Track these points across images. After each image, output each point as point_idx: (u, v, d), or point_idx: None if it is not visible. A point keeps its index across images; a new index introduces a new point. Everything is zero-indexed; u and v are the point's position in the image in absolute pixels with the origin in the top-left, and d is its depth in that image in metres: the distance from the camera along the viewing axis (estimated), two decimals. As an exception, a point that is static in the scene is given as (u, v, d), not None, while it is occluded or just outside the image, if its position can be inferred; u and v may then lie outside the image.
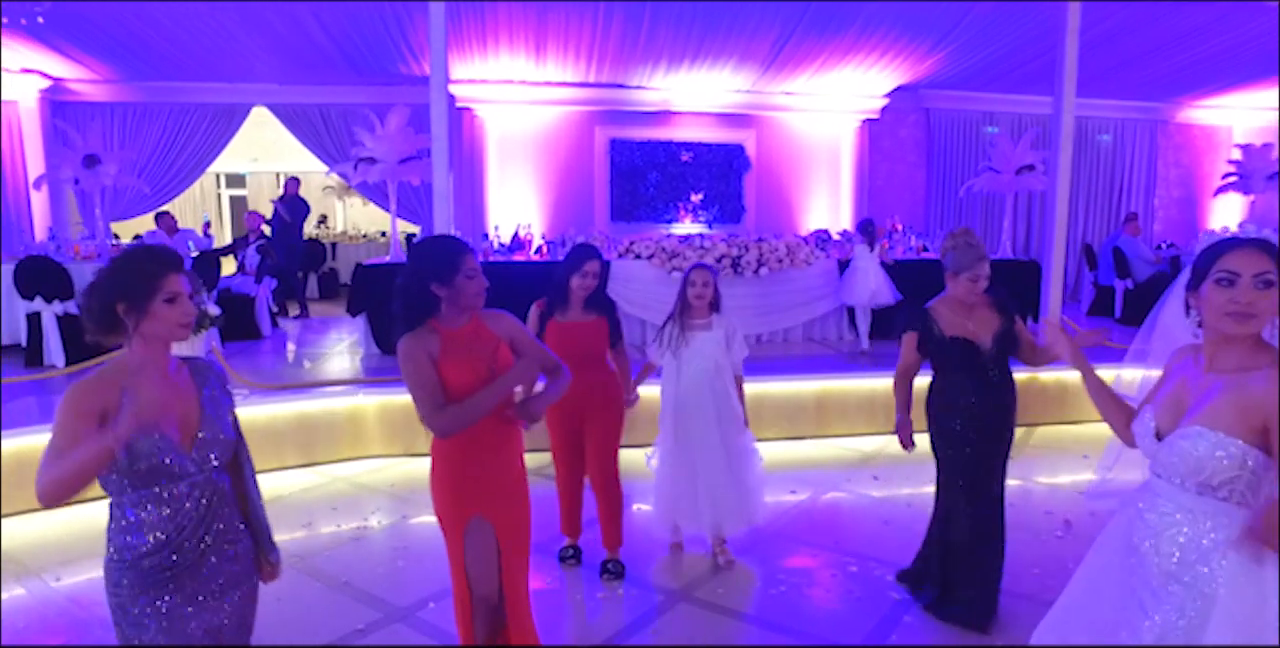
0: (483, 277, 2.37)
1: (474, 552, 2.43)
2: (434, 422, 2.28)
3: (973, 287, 3.11)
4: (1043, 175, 7.81)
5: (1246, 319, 1.64)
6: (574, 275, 3.46)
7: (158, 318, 1.79)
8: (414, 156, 6.95)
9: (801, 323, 7.58)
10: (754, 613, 3.39)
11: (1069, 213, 7.91)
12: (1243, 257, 1.65)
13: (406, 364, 2.31)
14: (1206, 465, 1.66)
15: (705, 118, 9.94)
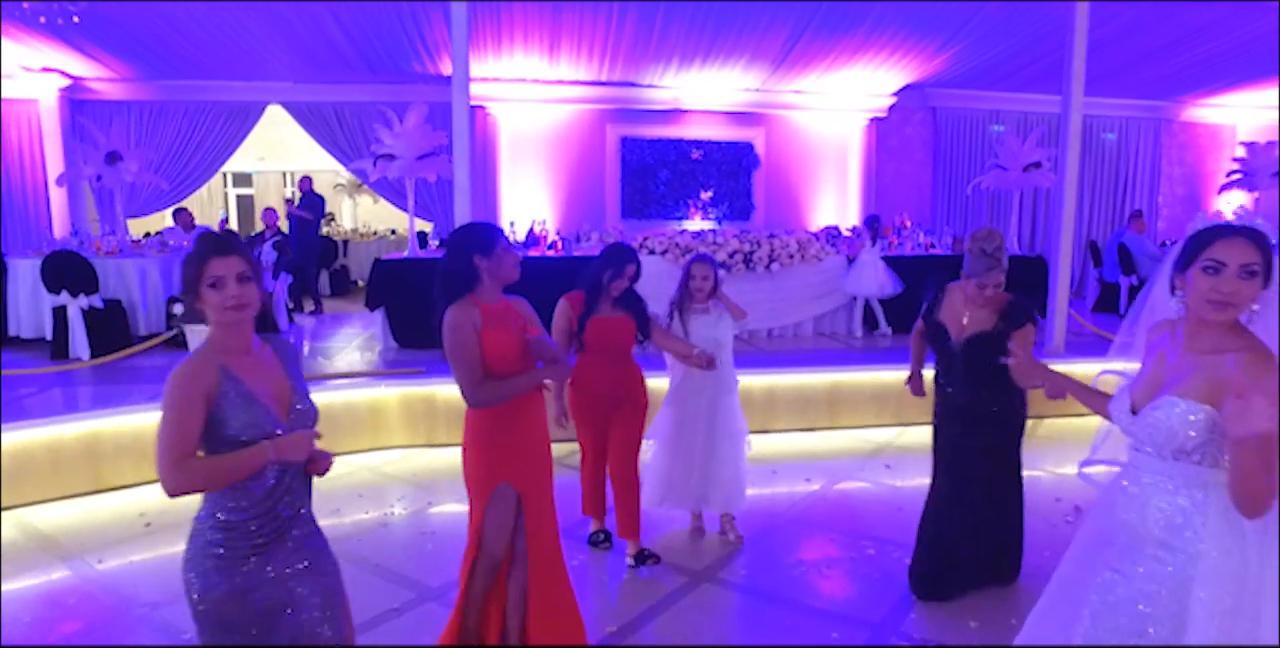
0: (516, 253, 2.65)
1: (494, 515, 2.64)
2: (472, 394, 2.54)
3: (979, 293, 3.17)
4: (1049, 173, 7.91)
5: (1226, 308, 1.69)
6: (616, 279, 3.53)
7: (207, 302, 1.85)
8: (431, 153, 7.07)
9: (812, 317, 7.69)
10: (776, 593, 3.51)
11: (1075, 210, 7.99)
12: (1231, 247, 1.69)
13: (454, 334, 2.53)
14: (1179, 432, 1.73)
15: (715, 116, 10.05)
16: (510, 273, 2.62)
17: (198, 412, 1.80)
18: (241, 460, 1.82)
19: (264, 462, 1.83)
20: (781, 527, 4.23)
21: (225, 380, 1.84)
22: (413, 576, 3.64)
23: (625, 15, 7.84)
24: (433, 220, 9.84)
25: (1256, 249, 1.68)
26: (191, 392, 1.81)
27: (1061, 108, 6.86)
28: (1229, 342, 1.72)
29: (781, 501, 4.60)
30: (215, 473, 1.82)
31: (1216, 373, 1.70)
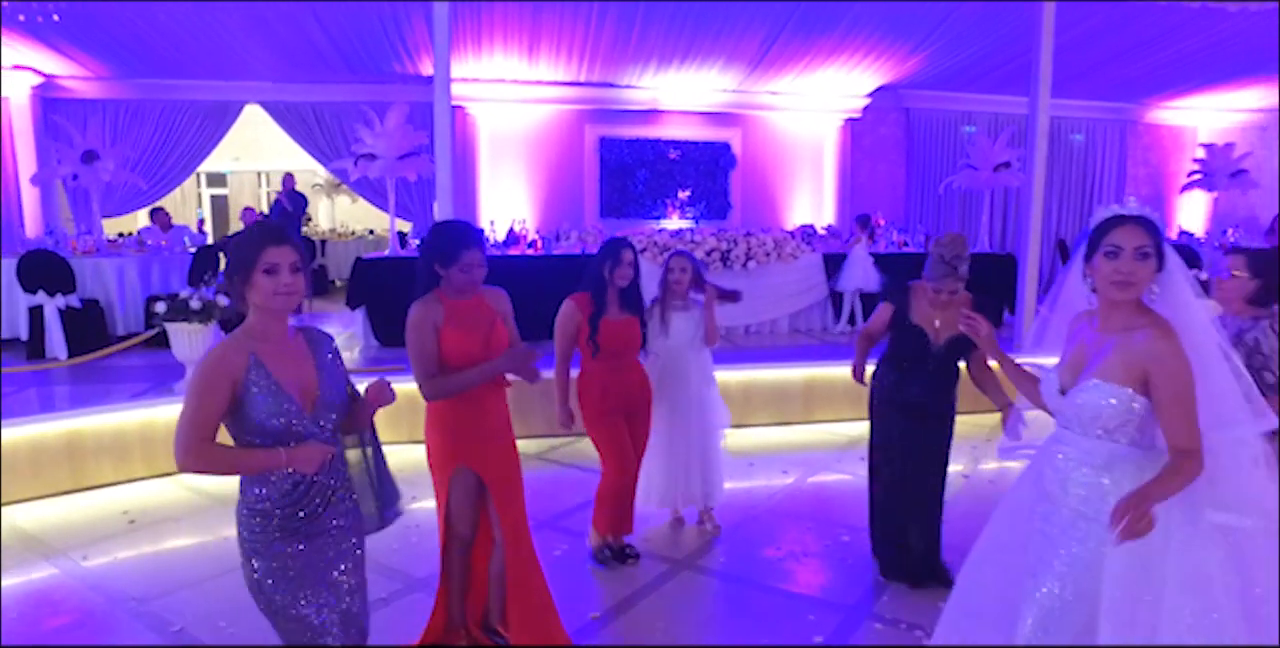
0: (480, 268, 2.65)
1: (455, 499, 2.76)
2: (424, 387, 2.66)
3: (936, 297, 3.28)
4: (1019, 173, 8.11)
5: (1127, 287, 1.90)
6: (616, 268, 3.49)
7: (257, 287, 1.91)
8: (412, 153, 7.13)
9: (788, 314, 7.83)
10: (753, 579, 3.62)
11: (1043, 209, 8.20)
12: (1126, 232, 1.90)
13: (411, 330, 2.64)
14: (1103, 412, 1.91)
15: (693, 117, 10.16)
16: (464, 288, 2.65)
17: (221, 395, 1.87)
18: (253, 460, 1.90)
19: (276, 466, 1.90)
20: (759, 517, 4.34)
21: (253, 367, 1.90)
22: (398, 567, 3.71)
23: (604, 16, 7.94)
24: (412, 220, 9.87)
25: (1147, 234, 1.90)
26: (218, 376, 1.87)
27: (1029, 109, 7.04)
28: (1136, 320, 1.92)
29: (759, 493, 4.71)
30: (226, 464, 1.92)
31: (1129, 349, 1.89)
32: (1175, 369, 1.84)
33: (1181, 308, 1.94)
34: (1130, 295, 1.92)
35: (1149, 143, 11.80)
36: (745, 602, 3.43)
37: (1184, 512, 1.87)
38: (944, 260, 3.19)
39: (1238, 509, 1.90)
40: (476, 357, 2.65)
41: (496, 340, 2.71)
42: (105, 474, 4.81)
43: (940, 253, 3.20)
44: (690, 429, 3.94)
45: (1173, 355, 1.84)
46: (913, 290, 3.41)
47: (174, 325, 5.00)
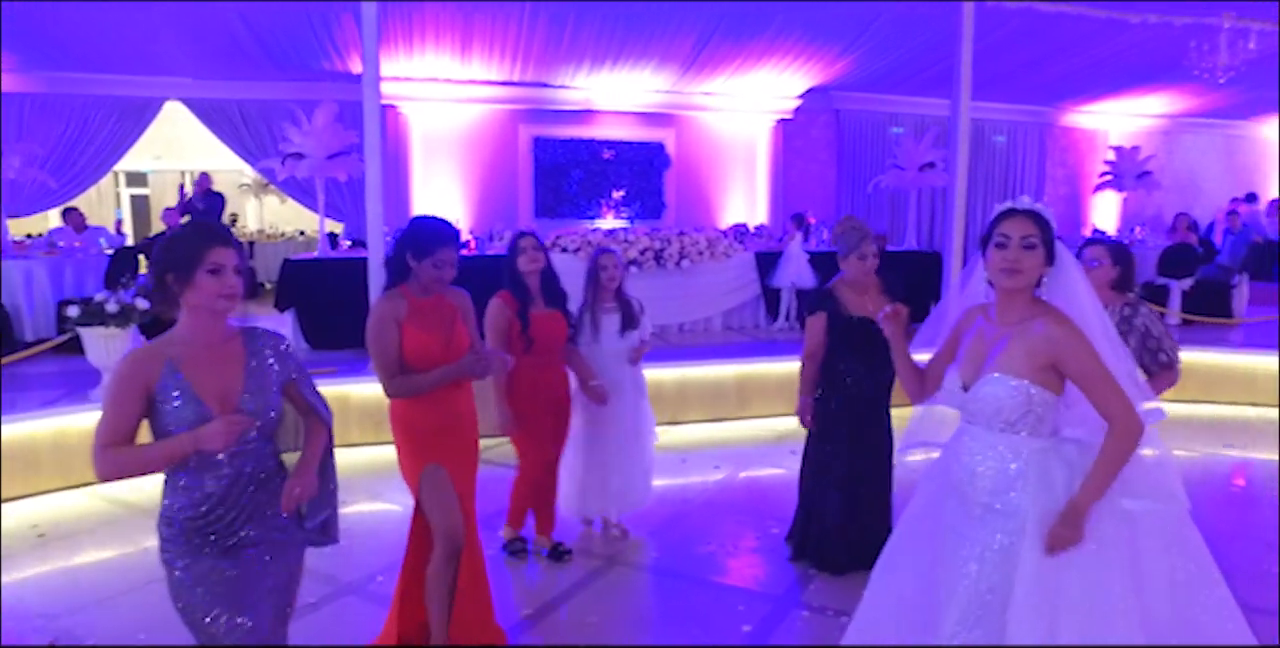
0: (451, 268, 2.65)
1: (432, 494, 2.69)
2: (385, 383, 2.64)
3: (862, 264, 3.43)
4: (943, 172, 8.36)
5: (1014, 274, 1.97)
6: (519, 257, 3.51)
7: (201, 288, 1.84)
8: (342, 152, 7.00)
9: (721, 312, 7.92)
10: (685, 572, 3.67)
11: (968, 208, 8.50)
12: (1013, 223, 1.99)
13: (374, 326, 2.62)
14: (1005, 405, 1.97)
15: (626, 117, 10.21)
16: (432, 285, 2.65)
17: (135, 403, 1.83)
18: (160, 452, 1.84)
19: (184, 452, 1.84)
20: (691, 512, 4.40)
21: (168, 374, 1.84)
22: (327, 571, 3.65)
23: (537, 16, 7.92)
24: (344, 221, 9.69)
25: (1034, 225, 1.98)
26: (132, 383, 1.83)
27: (950, 110, 7.27)
28: (1031, 311, 2.00)
29: (691, 488, 4.78)
30: (136, 464, 1.86)
31: (1027, 340, 1.96)
32: (1081, 348, 1.91)
33: (1073, 300, 2.01)
34: (1017, 283, 1.98)
35: (1066, 144, 12.30)
36: (676, 595, 3.48)
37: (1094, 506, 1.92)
38: (854, 228, 3.44)
39: (1150, 495, 1.97)
40: (436, 357, 2.63)
41: (457, 341, 2.71)
42: (14, 487, 4.61)
43: (849, 225, 3.47)
44: (622, 438, 3.86)
45: (1075, 336, 1.92)
46: (835, 290, 3.53)
47: (88, 330, 4.82)
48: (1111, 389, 1.91)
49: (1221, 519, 4.33)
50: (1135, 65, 9.73)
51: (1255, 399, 6.75)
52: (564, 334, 3.62)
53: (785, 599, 3.39)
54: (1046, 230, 2.00)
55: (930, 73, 9.57)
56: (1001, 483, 2.00)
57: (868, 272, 3.47)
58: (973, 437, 2.07)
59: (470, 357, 2.67)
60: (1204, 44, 8.16)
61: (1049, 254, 2.00)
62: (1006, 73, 9.58)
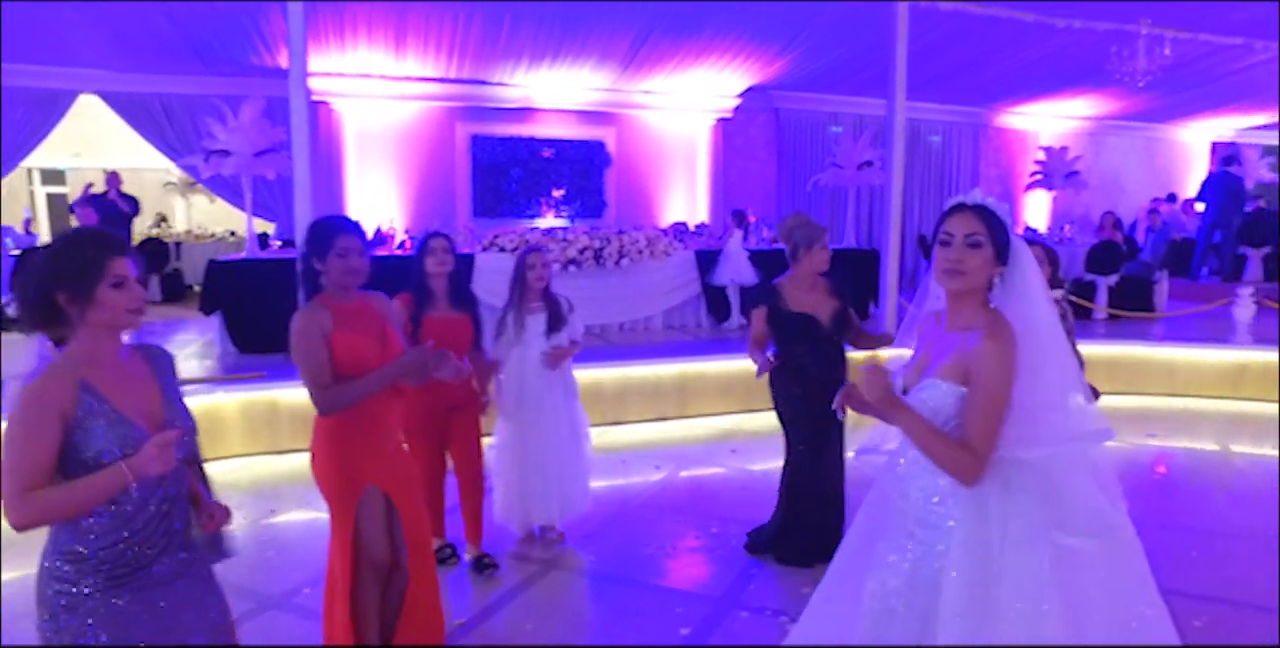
0: (359, 256, 2.50)
1: (367, 522, 2.54)
2: (319, 400, 2.43)
3: (825, 254, 3.48)
4: (880, 171, 8.48)
5: (957, 275, 1.83)
6: (426, 258, 3.42)
7: (105, 305, 1.66)
8: (270, 150, 6.78)
9: (662, 311, 7.90)
10: (623, 576, 3.62)
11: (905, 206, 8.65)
12: (959, 220, 1.84)
13: (299, 341, 2.43)
14: (940, 412, 1.85)
15: (566, 115, 10.12)
16: (343, 279, 2.49)
17: (51, 434, 1.62)
18: (95, 485, 1.63)
19: (123, 483, 1.65)
20: (630, 514, 4.35)
21: (86, 397, 1.65)
22: (251, 585, 3.51)
23: (473, 12, 7.78)
24: (275, 220, 9.40)
25: (980, 222, 1.83)
26: (44, 411, 1.62)
27: (886, 110, 7.38)
28: (977, 319, 1.85)
29: (631, 489, 4.73)
30: (68, 502, 1.63)
31: (963, 349, 1.83)
32: (992, 373, 1.78)
33: (1027, 308, 1.85)
34: (959, 284, 1.85)
35: (999, 144, 12.61)
36: (614, 599, 3.43)
37: (1022, 531, 1.80)
38: (811, 223, 3.51)
39: (1086, 528, 1.82)
40: (373, 361, 2.48)
41: (391, 343, 2.57)
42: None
43: (805, 220, 3.53)
44: (555, 442, 3.77)
45: (993, 358, 1.77)
46: (780, 286, 3.57)
47: None
48: (986, 426, 1.78)
49: (1144, 507, 4.46)
50: (1062, 68, 10.02)
51: (1175, 390, 7.00)
52: (466, 340, 3.46)
53: (724, 600, 3.36)
54: (996, 227, 1.83)
55: (868, 73, 9.69)
56: (933, 496, 1.89)
57: (825, 264, 3.50)
58: (909, 446, 1.95)
59: (412, 353, 2.50)
60: (1124, 49, 8.44)
61: (999, 254, 1.84)
62: (941, 74, 9.77)
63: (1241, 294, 7.30)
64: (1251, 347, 7.00)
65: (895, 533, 1.97)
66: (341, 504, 2.53)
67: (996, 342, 1.79)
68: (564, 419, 3.81)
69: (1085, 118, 12.70)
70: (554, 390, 3.78)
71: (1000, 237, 1.84)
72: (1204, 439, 5.87)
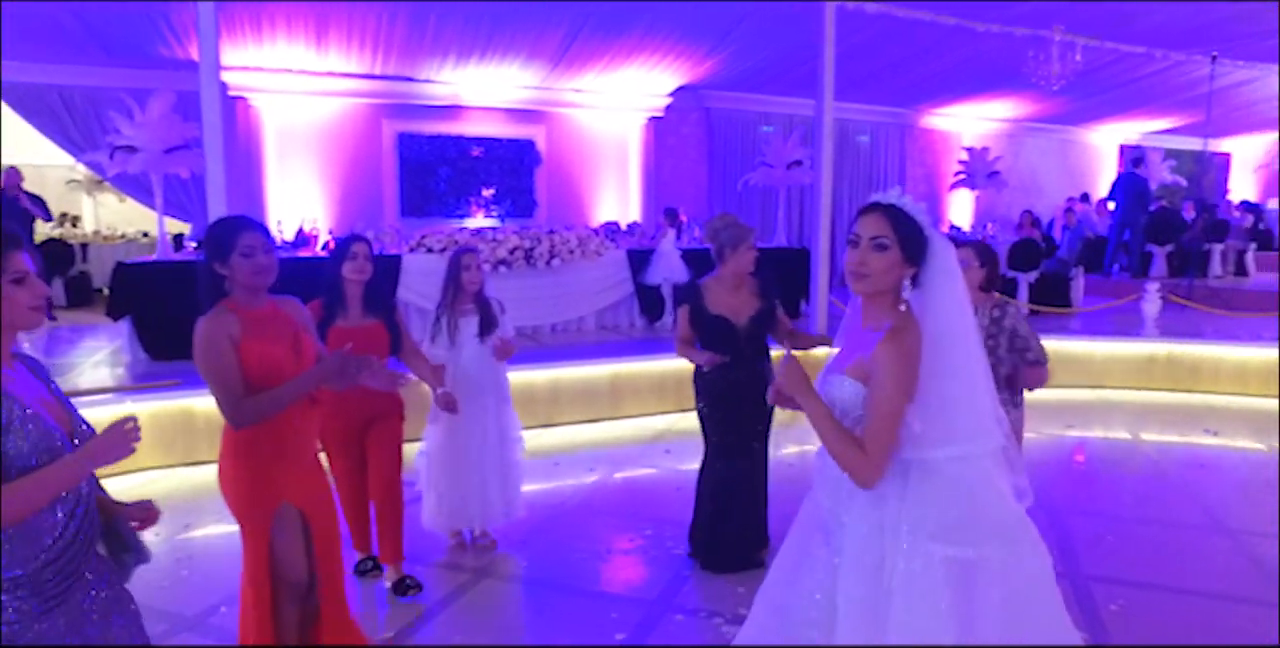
0: (265, 255, 2.34)
1: (283, 539, 2.39)
2: (233, 413, 2.27)
3: (750, 255, 3.45)
4: (810, 170, 8.58)
5: (860, 278, 1.79)
6: (344, 262, 3.25)
7: (8, 302, 1.57)
8: (182, 146, 6.47)
9: (594, 311, 7.84)
10: (556, 581, 3.56)
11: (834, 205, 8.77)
12: (867, 221, 1.79)
13: (206, 349, 2.25)
14: (838, 405, 1.84)
15: (495, 113, 9.97)
16: (251, 280, 2.31)
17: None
18: (47, 481, 1.53)
19: (78, 478, 1.58)
20: (563, 517, 4.28)
21: (8, 402, 1.54)
22: (163, 606, 3.32)
23: (398, 8, 7.59)
24: (190, 221, 9.01)
25: (889, 224, 1.77)
26: None
27: (815, 110, 7.46)
28: (884, 318, 1.81)
29: (564, 492, 4.66)
30: (16, 505, 1.51)
31: (867, 349, 1.80)
32: (885, 376, 1.74)
33: (938, 307, 1.81)
34: (864, 287, 1.81)
35: (924, 145, 12.93)
36: (547, 606, 3.36)
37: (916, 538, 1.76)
38: (738, 223, 3.46)
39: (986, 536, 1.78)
40: (286, 371, 2.31)
41: (305, 351, 2.40)
42: None
43: (732, 220, 3.48)
44: (487, 449, 3.69)
45: (892, 361, 1.74)
46: (704, 287, 3.53)
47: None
48: (881, 427, 1.74)
49: (1063, 495, 4.61)
50: (983, 72, 10.33)
51: (1091, 382, 7.27)
52: (380, 348, 3.25)
53: (659, 603, 3.33)
54: (905, 228, 1.78)
55: (797, 73, 9.80)
56: (841, 490, 1.86)
57: (751, 265, 3.47)
58: None
59: (332, 357, 2.35)
60: (1039, 54, 8.74)
61: (908, 255, 1.78)
62: (868, 75, 9.96)
63: (1149, 290, 7.63)
64: (1159, 339, 7.32)
65: (819, 532, 1.94)
66: (254, 523, 2.38)
67: (895, 344, 1.75)
68: (496, 423, 3.73)
69: (1005, 120, 13.14)
70: (486, 394, 3.69)
71: (910, 238, 1.78)
72: (1117, 428, 6.10)
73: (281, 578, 2.41)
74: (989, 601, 1.75)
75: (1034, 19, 8.46)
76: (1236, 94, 11.65)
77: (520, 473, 3.89)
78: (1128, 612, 3.22)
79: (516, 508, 3.85)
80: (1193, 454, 5.45)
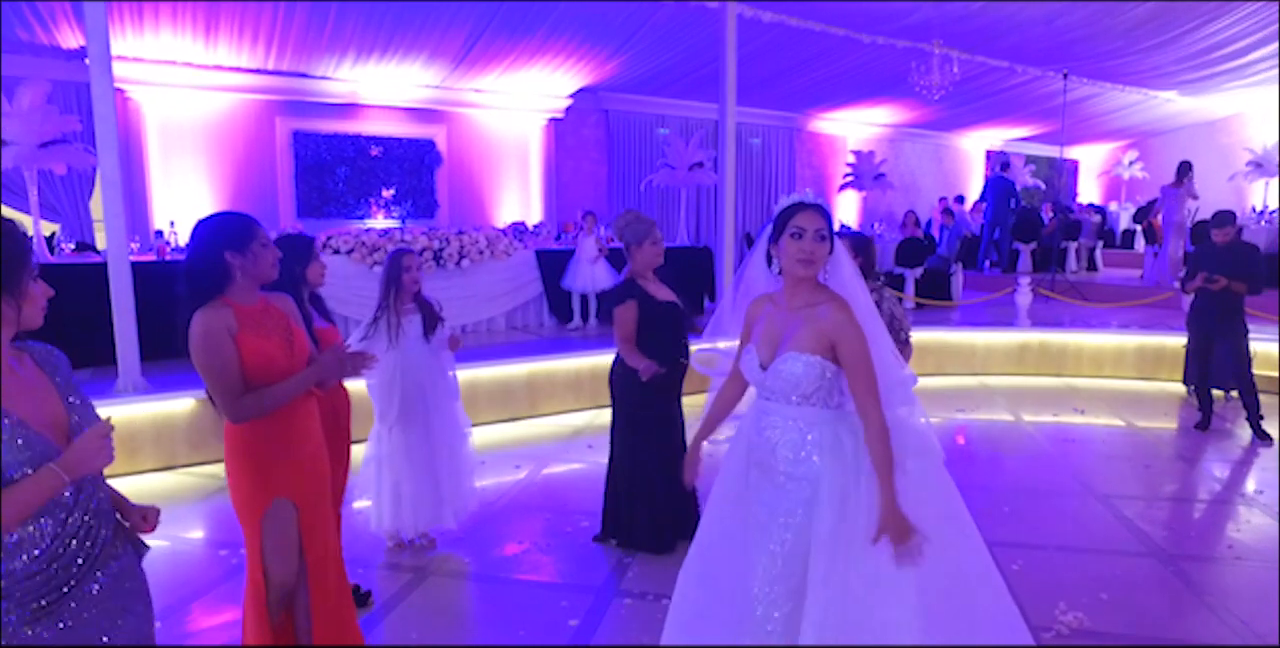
0: (276, 248, 2.38)
1: (272, 539, 2.37)
2: (232, 408, 2.25)
3: (656, 248, 3.63)
4: (711, 171, 8.86)
5: (810, 264, 2.14)
6: (311, 264, 3.18)
7: (30, 300, 1.58)
8: (60, 140, 6.09)
9: (505, 311, 7.86)
10: (502, 575, 3.62)
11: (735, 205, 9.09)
12: (808, 216, 2.15)
13: (206, 342, 2.21)
14: (802, 381, 2.14)
15: (395, 112, 9.80)
16: (269, 271, 2.35)
17: None
18: (23, 495, 1.49)
19: (59, 487, 1.52)
20: (497, 514, 4.33)
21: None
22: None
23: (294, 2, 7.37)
24: (59, 220, 8.41)
25: (823, 218, 2.17)
26: None
27: (719, 113, 7.71)
28: (816, 296, 2.18)
29: (495, 489, 4.70)
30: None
31: (815, 323, 2.14)
32: (855, 336, 2.10)
33: (848, 285, 2.22)
34: (812, 272, 2.17)
35: (812, 148, 13.53)
36: (497, 598, 3.42)
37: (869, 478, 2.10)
38: (640, 219, 3.67)
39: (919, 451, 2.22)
40: (283, 365, 2.30)
41: (299, 347, 2.39)
42: None
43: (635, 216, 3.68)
44: (441, 446, 3.72)
45: (851, 325, 2.10)
46: (636, 279, 3.68)
47: None
48: (869, 384, 2.09)
49: (960, 471, 5.00)
50: (868, 80, 10.93)
51: (974, 369, 7.86)
52: None
53: (605, 589, 3.44)
54: (830, 223, 2.20)
55: (694, 77, 10.11)
56: (800, 451, 2.17)
57: (659, 256, 3.65)
58: (770, 412, 2.22)
59: (330, 353, 2.37)
60: (921, 65, 9.36)
61: (832, 244, 2.19)
62: (761, 80, 10.36)
63: (1022, 284, 8.29)
64: (1031, 329, 7.99)
65: (767, 488, 2.22)
66: (249, 522, 2.36)
67: (844, 312, 2.13)
68: (449, 420, 3.78)
69: (886, 125, 13.91)
70: (437, 392, 3.71)
71: (831, 231, 2.20)
72: (1000, 411, 6.64)
73: (269, 577, 2.38)
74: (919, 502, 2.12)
75: (915, 32, 9.05)
76: (1083, 107, 12.79)
77: (473, 467, 3.95)
78: (1026, 570, 3.58)
79: (471, 501, 3.91)
80: (1064, 431, 6.00)
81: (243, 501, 2.37)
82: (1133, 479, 4.92)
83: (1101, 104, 13.07)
